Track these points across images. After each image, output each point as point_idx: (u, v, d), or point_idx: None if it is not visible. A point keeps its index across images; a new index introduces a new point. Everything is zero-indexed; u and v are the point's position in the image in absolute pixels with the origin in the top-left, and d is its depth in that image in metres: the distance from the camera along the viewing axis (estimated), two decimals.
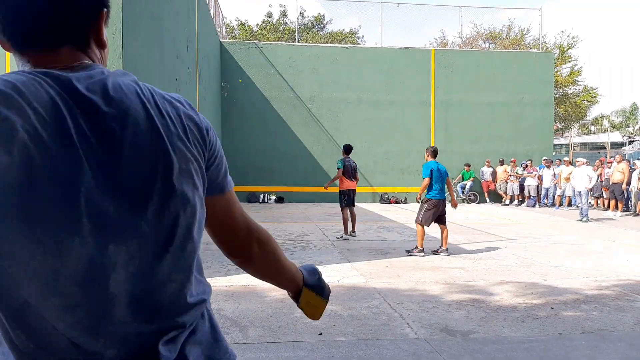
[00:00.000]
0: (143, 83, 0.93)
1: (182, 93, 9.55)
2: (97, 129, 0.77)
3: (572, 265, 7.03)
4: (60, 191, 0.72)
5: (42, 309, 0.75)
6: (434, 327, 4.29)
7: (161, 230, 0.82)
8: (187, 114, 0.92)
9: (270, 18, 34.68)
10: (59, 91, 0.75)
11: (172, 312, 0.87)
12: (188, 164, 0.87)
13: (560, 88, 28.58)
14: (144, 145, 0.81)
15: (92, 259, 0.75)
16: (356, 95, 18.69)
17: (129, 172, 0.79)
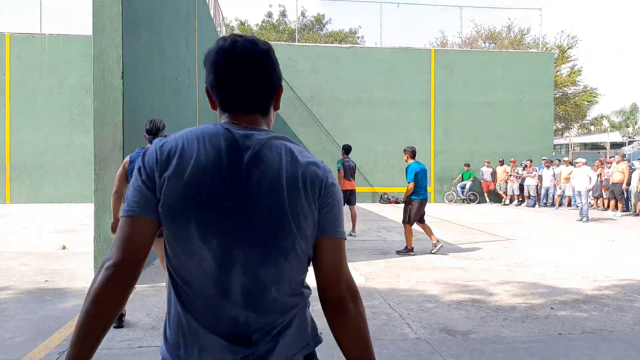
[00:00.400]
0: (293, 148, 1.20)
1: (181, 93, 9.55)
2: (240, 172, 1.13)
3: (571, 265, 7.03)
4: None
5: (195, 285, 1.15)
6: (434, 327, 4.29)
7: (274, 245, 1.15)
8: (314, 172, 1.19)
9: (271, 18, 34.68)
10: (228, 143, 1.14)
11: (279, 310, 1.20)
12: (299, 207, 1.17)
13: (560, 88, 28.58)
14: (276, 191, 1.14)
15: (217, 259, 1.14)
16: (356, 95, 18.68)
17: (258, 210, 1.14)
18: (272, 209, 1.13)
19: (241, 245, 1.12)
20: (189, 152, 1.12)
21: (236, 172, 1.13)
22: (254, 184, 1.12)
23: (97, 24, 5.52)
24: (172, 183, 1.10)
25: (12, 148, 16.55)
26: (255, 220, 1.12)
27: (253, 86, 1.19)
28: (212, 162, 1.12)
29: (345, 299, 1.30)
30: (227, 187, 1.11)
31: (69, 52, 16.68)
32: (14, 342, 3.81)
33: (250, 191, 1.12)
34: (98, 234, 5.53)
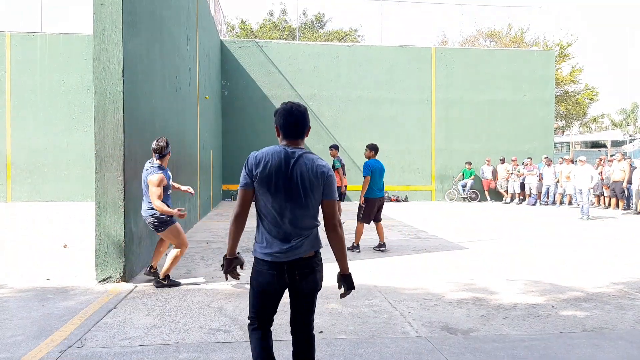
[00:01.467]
0: (313, 157, 2.64)
1: (182, 91, 9.55)
2: (289, 170, 2.56)
3: (572, 263, 7.02)
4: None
5: (272, 218, 2.59)
6: (435, 325, 4.29)
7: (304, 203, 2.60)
8: (322, 170, 2.61)
9: (272, 16, 34.64)
10: (284, 155, 2.59)
11: (305, 229, 2.62)
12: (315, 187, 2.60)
13: (560, 86, 28.55)
14: (304, 178, 2.57)
15: (282, 206, 2.58)
16: (357, 94, 18.67)
17: (296, 187, 2.57)
18: (302, 186, 2.57)
19: (288, 202, 2.57)
20: (266, 159, 2.57)
21: (287, 170, 2.57)
22: (295, 175, 2.57)
23: (97, 23, 5.51)
24: (260, 173, 2.55)
25: (13, 147, 16.56)
26: (296, 191, 2.57)
27: (298, 128, 2.66)
28: (276, 164, 2.57)
29: (335, 226, 2.66)
30: (283, 176, 2.56)
31: (70, 51, 16.68)
32: (15, 341, 3.81)
33: (293, 179, 2.57)
34: (99, 232, 5.53)
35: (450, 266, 6.77)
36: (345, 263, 2.80)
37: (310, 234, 2.64)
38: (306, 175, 2.56)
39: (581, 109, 31.03)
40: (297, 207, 2.57)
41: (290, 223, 2.58)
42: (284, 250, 2.58)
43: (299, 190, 2.55)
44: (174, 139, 8.66)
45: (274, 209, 2.56)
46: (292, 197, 2.55)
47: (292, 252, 2.59)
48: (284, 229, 2.58)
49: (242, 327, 4.17)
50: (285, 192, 2.55)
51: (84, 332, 4.00)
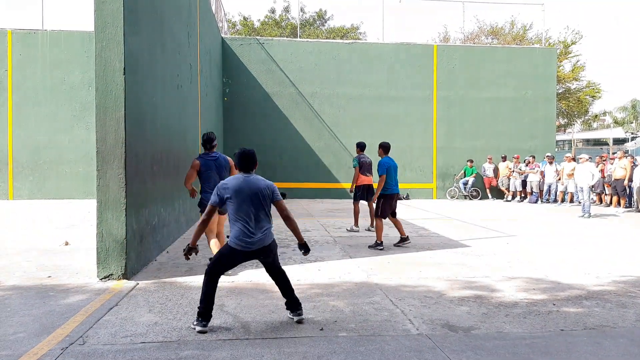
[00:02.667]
0: (262, 179, 4.27)
1: (183, 89, 9.54)
2: (246, 189, 4.16)
3: (573, 261, 7.02)
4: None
5: (245, 220, 4.15)
6: (436, 323, 4.29)
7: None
8: (266, 184, 4.27)
9: (274, 14, 34.58)
10: (242, 181, 4.19)
11: (266, 228, 4.24)
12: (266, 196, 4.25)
13: (562, 84, 28.49)
14: (256, 193, 4.19)
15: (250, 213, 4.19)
16: (358, 91, 18.65)
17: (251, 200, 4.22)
18: (257, 198, 4.15)
19: (251, 207, 4.13)
20: (232, 183, 4.15)
21: (247, 188, 4.15)
22: (252, 191, 4.15)
23: (98, 20, 5.51)
24: (230, 193, 4.13)
25: (15, 144, 16.58)
26: (255, 201, 4.14)
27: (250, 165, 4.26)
28: (240, 185, 4.14)
29: (288, 217, 4.24)
30: (245, 193, 4.12)
31: (71, 48, 16.68)
32: (17, 338, 3.83)
33: (251, 193, 4.14)
34: (100, 230, 5.53)
35: (451, 264, 6.77)
36: (300, 235, 4.35)
37: (268, 228, 4.24)
38: (259, 190, 4.18)
39: (583, 106, 30.95)
40: (258, 211, 4.18)
41: (254, 221, 4.16)
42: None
43: (258, 200, 4.16)
44: (175, 137, 8.66)
45: (245, 214, 4.17)
46: (254, 205, 4.16)
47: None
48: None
49: (244, 325, 4.18)
50: (247, 203, 4.14)
51: (85, 330, 4.01)
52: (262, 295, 5.08)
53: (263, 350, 3.63)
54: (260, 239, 4.09)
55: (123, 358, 3.46)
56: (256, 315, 4.42)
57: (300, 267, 6.47)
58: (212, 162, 6.12)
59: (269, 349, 3.66)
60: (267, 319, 4.34)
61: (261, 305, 4.74)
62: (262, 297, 5.03)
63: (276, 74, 18.33)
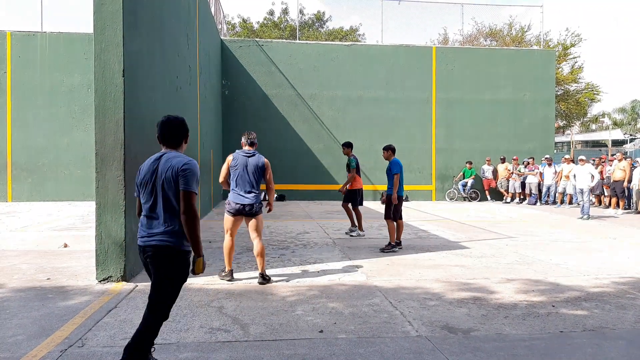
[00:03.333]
0: (180, 158, 3.14)
1: (182, 91, 9.54)
2: (157, 172, 3.14)
3: (573, 263, 7.02)
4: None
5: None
6: (435, 324, 4.29)
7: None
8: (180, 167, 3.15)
9: (272, 16, 34.62)
10: (157, 159, 3.19)
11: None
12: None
13: (561, 85, 28.52)
14: (168, 176, 3.12)
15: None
16: (357, 93, 18.67)
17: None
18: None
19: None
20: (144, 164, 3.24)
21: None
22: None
23: (97, 22, 5.51)
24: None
25: (13, 146, 16.56)
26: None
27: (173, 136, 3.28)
28: (148, 166, 3.21)
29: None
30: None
31: (70, 50, 16.69)
32: (16, 340, 3.82)
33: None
34: (99, 232, 5.53)
35: (450, 265, 6.77)
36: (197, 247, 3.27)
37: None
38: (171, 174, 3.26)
39: (582, 108, 31.00)
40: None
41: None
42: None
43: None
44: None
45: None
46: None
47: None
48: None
49: (243, 327, 4.17)
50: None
51: (84, 332, 4.00)
52: (261, 297, 5.07)
53: (262, 353, 3.62)
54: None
55: None
56: (255, 317, 4.42)
57: (299, 268, 6.47)
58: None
59: (268, 351, 3.66)
60: (267, 321, 4.34)
61: (260, 307, 4.73)
62: (261, 299, 5.03)
63: (275, 76, 18.34)
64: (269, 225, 10.96)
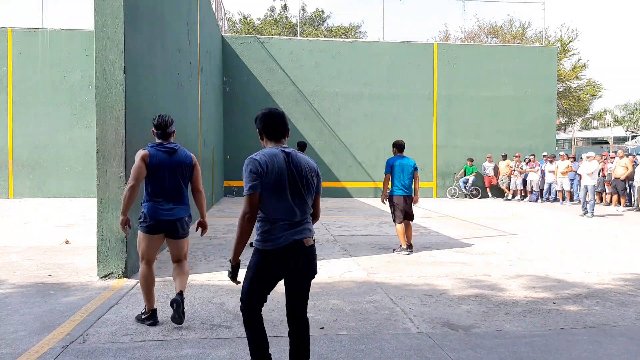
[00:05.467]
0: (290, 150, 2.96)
1: (183, 88, 9.54)
2: (293, 166, 2.90)
3: (574, 260, 7.02)
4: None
5: (278, 213, 2.84)
6: (436, 321, 4.30)
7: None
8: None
9: (273, 12, 34.57)
10: (287, 156, 2.87)
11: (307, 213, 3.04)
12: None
13: (563, 82, 28.47)
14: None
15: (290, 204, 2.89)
16: (358, 90, 18.64)
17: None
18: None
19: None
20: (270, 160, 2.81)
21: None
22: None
23: (98, 19, 5.51)
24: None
25: (15, 143, 16.58)
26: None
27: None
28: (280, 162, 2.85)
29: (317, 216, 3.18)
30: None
31: (71, 47, 16.67)
32: (17, 336, 3.83)
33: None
34: (101, 229, 5.54)
35: (451, 262, 6.77)
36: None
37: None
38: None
39: (583, 105, 30.94)
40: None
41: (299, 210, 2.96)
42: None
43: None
44: (175, 136, 8.65)
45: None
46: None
47: None
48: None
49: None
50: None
51: (86, 328, 4.01)
52: None
53: None
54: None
55: (123, 356, 3.47)
56: None
57: None
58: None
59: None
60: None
61: None
62: None
63: (276, 73, 18.32)
64: None
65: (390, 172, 7.42)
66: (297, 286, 2.92)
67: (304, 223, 2.92)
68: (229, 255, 7.03)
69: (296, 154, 2.93)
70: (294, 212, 2.84)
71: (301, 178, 2.87)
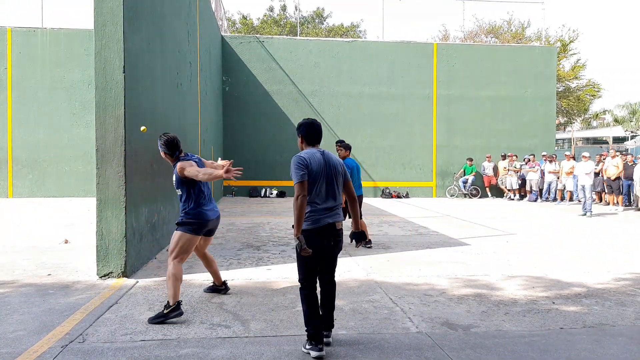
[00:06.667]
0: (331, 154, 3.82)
1: (183, 87, 9.53)
2: (326, 161, 3.70)
3: (573, 259, 7.03)
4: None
5: (317, 199, 3.63)
6: (435, 321, 4.30)
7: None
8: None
9: (272, 12, 34.55)
10: (322, 155, 3.73)
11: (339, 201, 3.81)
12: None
13: (562, 82, 28.48)
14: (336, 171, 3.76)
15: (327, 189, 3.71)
16: (358, 90, 18.64)
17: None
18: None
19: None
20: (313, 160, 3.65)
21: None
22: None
23: (98, 18, 5.51)
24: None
25: (14, 142, 16.57)
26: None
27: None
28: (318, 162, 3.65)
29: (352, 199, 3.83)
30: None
31: (71, 47, 16.67)
32: (17, 336, 3.83)
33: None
34: (100, 228, 5.53)
35: (450, 262, 6.77)
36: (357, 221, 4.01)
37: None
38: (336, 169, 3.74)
39: (583, 105, 30.95)
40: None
41: (331, 198, 3.73)
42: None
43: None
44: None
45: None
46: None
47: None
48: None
49: (244, 323, 4.18)
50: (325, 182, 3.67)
51: (85, 328, 4.01)
52: (262, 293, 5.08)
53: (262, 348, 3.63)
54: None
55: (123, 356, 3.47)
56: (256, 313, 4.43)
57: None
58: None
59: (269, 347, 3.67)
60: (267, 317, 4.35)
61: (261, 303, 4.74)
62: (261, 295, 5.04)
63: (276, 73, 18.31)
64: (270, 221, 10.98)
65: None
66: (329, 259, 3.69)
67: (336, 209, 3.66)
68: (228, 255, 7.06)
69: (328, 153, 3.74)
70: (327, 199, 3.61)
71: (333, 171, 3.66)
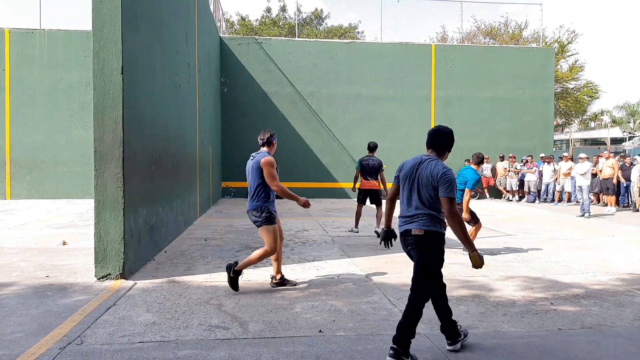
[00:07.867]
0: (426, 158, 3.62)
1: (181, 89, 9.53)
2: (419, 171, 3.58)
3: (571, 260, 7.03)
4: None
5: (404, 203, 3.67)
6: (434, 322, 4.29)
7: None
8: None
9: (270, 13, 34.58)
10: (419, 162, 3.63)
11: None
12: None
13: (560, 83, 28.52)
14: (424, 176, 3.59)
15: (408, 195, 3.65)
16: (356, 91, 18.66)
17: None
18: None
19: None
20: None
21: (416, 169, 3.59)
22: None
23: (96, 19, 5.50)
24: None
25: (12, 144, 16.54)
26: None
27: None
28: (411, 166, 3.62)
29: (448, 217, 3.49)
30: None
31: (69, 48, 16.65)
32: (14, 338, 3.82)
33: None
34: (98, 230, 5.53)
35: (449, 263, 6.76)
36: (464, 244, 3.64)
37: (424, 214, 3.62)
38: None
39: (581, 106, 31.00)
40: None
41: (411, 205, 3.65)
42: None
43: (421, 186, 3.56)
44: (173, 137, 8.65)
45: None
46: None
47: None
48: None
49: (242, 324, 4.18)
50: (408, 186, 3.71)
51: (83, 329, 4.00)
52: (260, 295, 5.08)
53: (261, 350, 3.63)
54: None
55: (121, 358, 3.46)
56: (254, 315, 4.42)
57: (298, 266, 6.47)
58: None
59: (267, 348, 3.66)
60: (266, 318, 4.34)
61: (259, 304, 4.74)
62: (260, 296, 5.03)
63: (274, 74, 18.32)
64: None
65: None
66: (414, 265, 3.75)
67: (415, 217, 3.52)
68: (227, 256, 7.04)
69: (427, 161, 3.54)
70: (405, 207, 3.61)
71: (417, 180, 3.55)
